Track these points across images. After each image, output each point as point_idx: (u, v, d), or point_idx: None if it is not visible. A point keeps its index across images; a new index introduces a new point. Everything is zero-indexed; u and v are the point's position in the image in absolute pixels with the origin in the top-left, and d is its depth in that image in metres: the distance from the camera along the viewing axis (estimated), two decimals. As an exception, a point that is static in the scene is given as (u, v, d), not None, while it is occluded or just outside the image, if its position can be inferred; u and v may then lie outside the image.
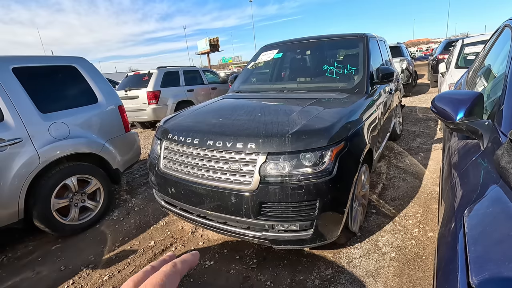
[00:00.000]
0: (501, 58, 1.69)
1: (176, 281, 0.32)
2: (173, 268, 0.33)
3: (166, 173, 2.20)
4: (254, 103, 2.83)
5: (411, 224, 2.50)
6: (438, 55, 9.97)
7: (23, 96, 2.53)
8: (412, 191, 3.08)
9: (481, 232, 0.71)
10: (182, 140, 2.12)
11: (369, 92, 2.75)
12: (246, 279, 2.04)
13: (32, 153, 2.47)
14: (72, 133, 2.82)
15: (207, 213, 2.02)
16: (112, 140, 3.21)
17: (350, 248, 2.25)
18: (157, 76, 6.91)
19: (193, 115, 2.59)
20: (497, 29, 2.29)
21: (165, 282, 0.31)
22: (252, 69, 3.78)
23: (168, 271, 0.32)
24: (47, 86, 2.82)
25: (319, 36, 3.64)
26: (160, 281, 0.31)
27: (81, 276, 2.22)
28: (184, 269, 0.35)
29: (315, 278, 1.99)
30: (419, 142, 4.69)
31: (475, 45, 5.39)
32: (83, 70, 3.13)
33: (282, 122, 2.03)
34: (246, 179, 1.83)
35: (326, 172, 1.78)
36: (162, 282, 0.31)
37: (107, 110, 3.22)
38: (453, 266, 0.69)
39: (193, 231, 2.68)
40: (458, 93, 1.30)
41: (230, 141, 1.90)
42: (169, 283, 0.31)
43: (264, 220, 1.82)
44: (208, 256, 2.31)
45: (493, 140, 1.03)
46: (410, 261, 2.07)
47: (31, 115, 2.54)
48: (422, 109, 7.20)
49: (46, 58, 2.95)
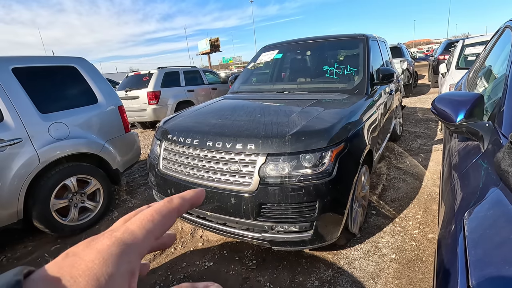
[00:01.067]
0: (501, 59, 1.68)
1: (171, 219, 0.28)
2: (168, 204, 0.29)
3: (165, 174, 2.19)
4: (254, 104, 2.82)
5: (411, 225, 2.49)
6: (438, 55, 9.96)
7: (22, 97, 2.52)
8: (412, 192, 3.07)
9: (481, 235, 0.70)
10: (181, 140, 2.11)
11: (369, 93, 2.74)
12: (245, 280, 2.04)
13: (31, 154, 2.47)
14: (72, 134, 2.81)
15: (207, 214, 2.01)
16: (112, 141, 3.21)
17: (350, 250, 2.24)
18: (158, 77, 6.91)
19: (193, 116, 2.59)
20: (497, 30, 2.29)
21: (156, 218, 0.27)
22: (252, 70, 3.78)
23: (161, 207, 0.28)
24: (47, 87, 2.82)
25: (319, 36, 3.63)
26: (150, 217, 0.27)
27: (80, 276, 2.22)
28: (183, 206, 0.30)
29: (314, 279, 1.98)
30: (420, 143, 4.68)
31: (476, 46, 5.38)
32: (83, 70, 3.13)
33: (282, 123, 2.03)
34: (246, 180, 1.83)
35: (326, 173, 1.77)
36: (151, 218, 0.26)
37: (107, 110, 3.22)
38: (453, 269, 0.68)
39: (193, 231, 2.67)
40: (458, 94, 1.30)
41: (229, 142, 1.90)
42: (162, 220, 0.27)
43: (264, 221, 1.82)
44: (207, 257, 2.31)
45: (494, 142, 1.02)
46: (410, 263, 2.06)
47: (30, 115, 2.54)
48: (422, 109, 7.19)
49: (46, 59, 2.95)
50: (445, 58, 8.58)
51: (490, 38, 2.51)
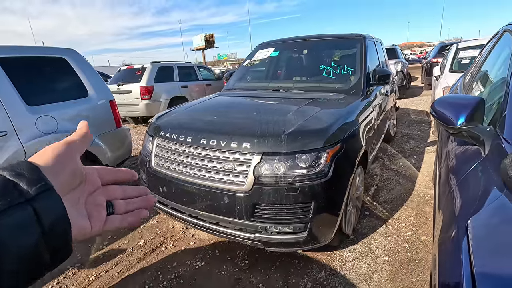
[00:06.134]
0: (500, 63, 1.67)
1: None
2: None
3: (157, 171, 2.14)
4: (250, 102, 2.78)
5: (404, 227, 2.49)
6: (432, 58, 10.06)
7: (8, 88, 2.42)
8: (405, 194, 3.08)
9: (487, 242, 0.68)
10: (174, 137, 2.06)
11: (365, 93, 2.72)
12: (237, 281, 2.00)
13: (17, 147, 2.38)
14: (61, 127, 2.72)
15: (199, 213, 1.97)
16: (103, 136, 3.12)
17: (343, 251, 2.22)
18: (151, 71, 6.78)
19: (187, 112, 2.53)
20: (495, 33, 2.29)
21: None
22: (248, 67, 3.73)
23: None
24: (35, 78, 2.72)
25: (316, 35, 3.60)
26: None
27: (67, 275, 2.15)
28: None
29: (307, 281, 1.96)
30: (413, 144, 4.71)
31: (470, 49, 5.43)
32: (74, 62, 3.03)
33: (278, 122, 1.99)
34: (240, 179, 1.78)
35: (321, 174, 1.75)
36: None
37: (98, 104, 3.13)
38: (458, 279, 0.66)
39: (184, 230, 2.62)
40: (459, 97, 1.28)
41: (224, 140, 1.85)
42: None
43: (257, 222, 1.78)
44: (199, 256, 2.26)
45: (495, 146, 1.00)
46: (403, 265, 2.05)
47: (17, 107, 2.44)
48: (415, 111, 7.25)
49: (34, 49, 2.85)
50: (439, 61, 8.66)
51: (487, 42, 2.52)
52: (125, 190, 0.49)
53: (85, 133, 0.42)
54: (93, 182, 0.42)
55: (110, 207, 0.44)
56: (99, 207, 0.42)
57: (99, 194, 0.43)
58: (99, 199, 0.42)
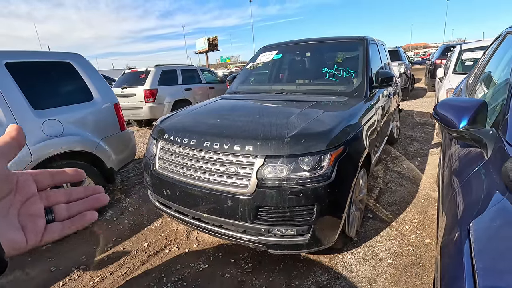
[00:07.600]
0: (502, 65, 1.67)
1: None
2: None
3: (161, 174, 2.16)
4: (253, 104, 2.79)
5: (408, 229, 2.48)
6: (435, 60, 10.02)
7: (16, 92, 2.46)
8: (409, 196, 3.07)
9: (489, 245, 0.68)
10: (178, 140, 2.08)
11: (368, 96, 2.73)
12: (241, 284, 2.01)
13: (24, 151, 2.41)
14: (66, 131, 2.76)
15: (203, 216, 1.98)
16: (107, 139, 3.15)
17: (347, 254, 2.22)
18: (155, 74, 6.84)
19: (190, 115, 2.55)
20: (498, 36, 2.29)
21: None
22: (251, 70, 3.75)
23: None
24: (41, 82, 2.76)
25: (319, 38, 3.61)
26: None
27: (72, 277, 2.17)
28: None
29: (311, 283, 1.96)
30: (416, 146, 4.69)
31: (474, 51, 5.41)
32: (79, 66, 3.07)
33: (281, 124, 2.00)
34: (243, 182, 1.79)
35: (324, 177, 1.75)
36: None
37: (103, 107, 3.16)
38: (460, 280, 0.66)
39: (188, 233, 2.64)
40: (461, 100, 1.28)
41: (227, 143, 1.87)
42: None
43: (261, 224, 1.79)
44: (202, 259, 2.27)
45: (498, 149, 1.00)
46: (407, 268, 2.04)
47: (24, 111, 2.48)
48: (419, 113, 7.22)
49: (40, 54, 2.89)
50: (442, 63, 8.62)
51: (490, 44, 2.51)
52: (69, 192, 0.44)
53: (14, 138, 0.38)
54: (26, 189, 0.38)
55: (49, 214, 0.40)
56: (35, 217, 0.38)
57: (35, 202, 0.39)
58: (34, 207, 0.38)
